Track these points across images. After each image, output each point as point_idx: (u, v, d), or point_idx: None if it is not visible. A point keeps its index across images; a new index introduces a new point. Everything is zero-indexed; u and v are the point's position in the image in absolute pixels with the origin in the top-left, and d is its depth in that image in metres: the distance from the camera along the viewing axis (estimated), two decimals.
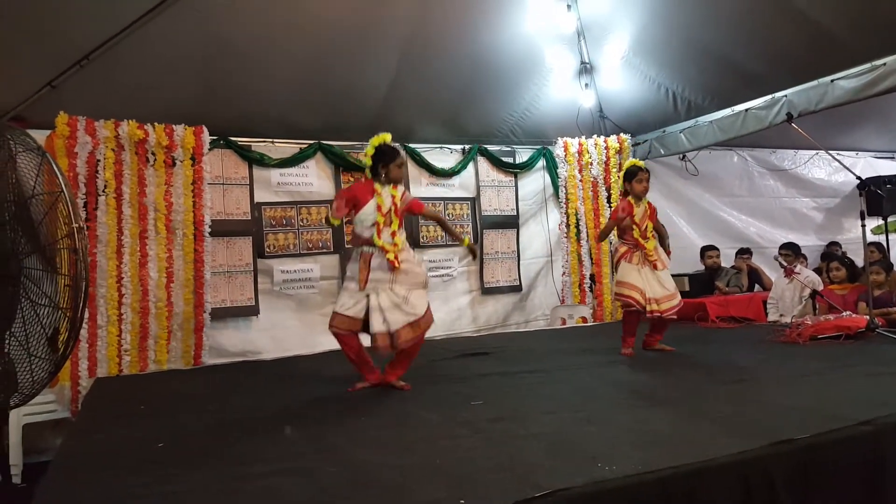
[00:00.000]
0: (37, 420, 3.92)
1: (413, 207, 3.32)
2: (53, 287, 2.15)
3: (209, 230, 4.52)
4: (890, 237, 6.75)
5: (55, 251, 2.21)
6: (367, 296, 3.07)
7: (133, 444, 2.41)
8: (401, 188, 3.27)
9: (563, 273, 5.86)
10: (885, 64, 4.13)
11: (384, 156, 3.17)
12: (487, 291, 5.79)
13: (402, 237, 3.18)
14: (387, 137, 3.23)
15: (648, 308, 3.70)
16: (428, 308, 3.19)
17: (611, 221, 4.01)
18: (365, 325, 3.10)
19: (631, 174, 3.83)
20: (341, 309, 3.13)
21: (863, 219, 3.90)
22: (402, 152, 3.18)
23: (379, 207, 3.11)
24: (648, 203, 3.86)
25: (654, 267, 3.75)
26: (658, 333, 3.92)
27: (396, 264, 3.05)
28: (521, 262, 5.92)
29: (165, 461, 2.16)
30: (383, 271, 3.08)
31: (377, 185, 3.17)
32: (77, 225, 2.02)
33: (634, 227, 3.78)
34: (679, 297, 3.82)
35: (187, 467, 2.09)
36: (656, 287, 3.74)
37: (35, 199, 2.21)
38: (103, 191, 4.20)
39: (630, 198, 3.82)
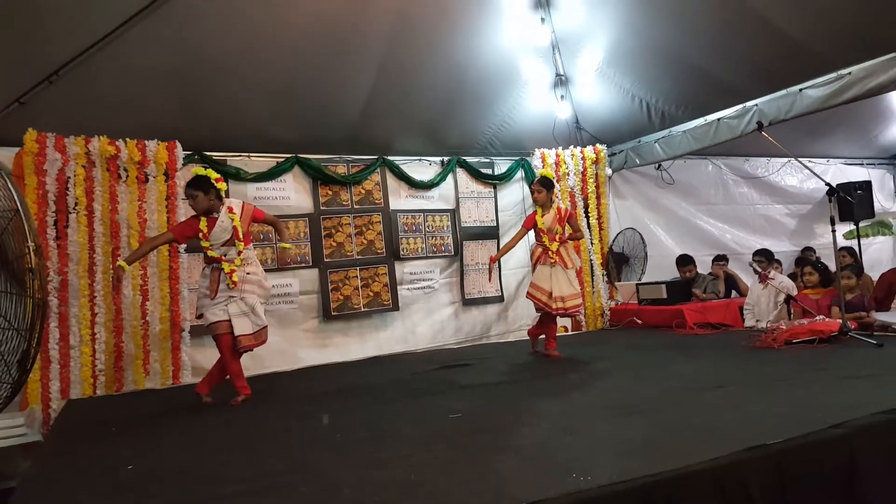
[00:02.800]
0: (6, 444, 3.80)
1: (255, 217, 3.61)
2: (13, 308, 2.09)
3: (184, 247, 4.46)
4: (861, 242, 6.90)
5: (23, 272, 2.15)
6: (225, 304, 3.42)
7: (102, 466, 2.35)
8: (237, 208, 3.51)
9: None
10: (850, 73, 4.26)
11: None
12: (469, 303, 5.78)
13: (248, 253, 3.52)
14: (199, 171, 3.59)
15: (554, 306, 4.07)
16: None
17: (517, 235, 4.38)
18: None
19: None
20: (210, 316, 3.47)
21: (833, 224, 3.97)
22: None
23: (207, 235, 3.43)
24: (559, 208, 4.27)
25: (565, 265, 4.15)
26: (550, 336, 4.27)
27: (231, 284, 3.39)
28: (502, 272, 5.93)
29: (136, 483, 2.11)
30: (229, 285, 3.42)
31: (203, 218, 3.47)
32: (33, 245, 1.97)
33: (542, 232, 4.20)
34: (580, 297, 4.27)
35: (159, 489, 2.03)
36: (564, 286, 4.12)
37: None
38: (74, 208, 4.13)
39: (537, 207, 4.29)
